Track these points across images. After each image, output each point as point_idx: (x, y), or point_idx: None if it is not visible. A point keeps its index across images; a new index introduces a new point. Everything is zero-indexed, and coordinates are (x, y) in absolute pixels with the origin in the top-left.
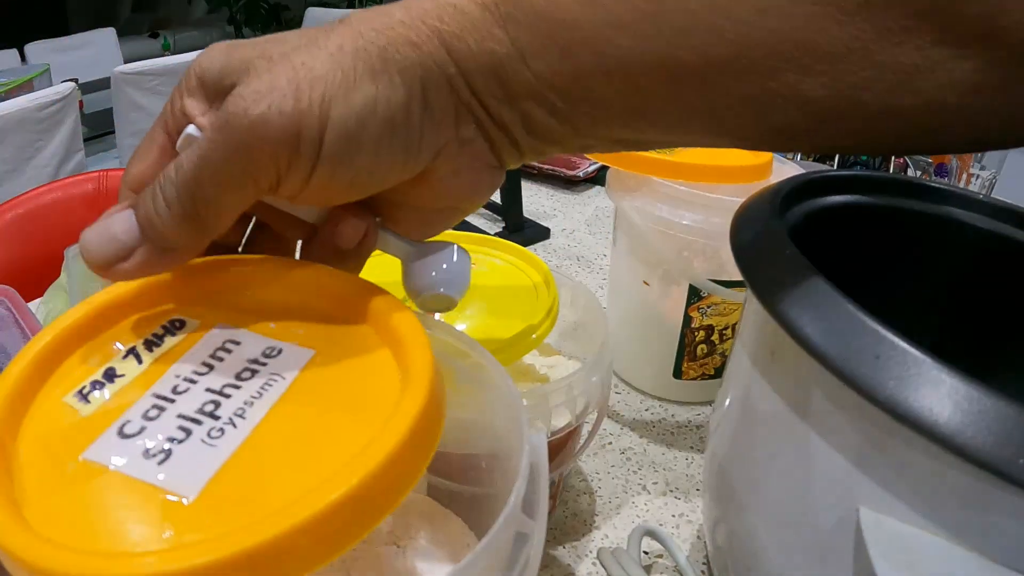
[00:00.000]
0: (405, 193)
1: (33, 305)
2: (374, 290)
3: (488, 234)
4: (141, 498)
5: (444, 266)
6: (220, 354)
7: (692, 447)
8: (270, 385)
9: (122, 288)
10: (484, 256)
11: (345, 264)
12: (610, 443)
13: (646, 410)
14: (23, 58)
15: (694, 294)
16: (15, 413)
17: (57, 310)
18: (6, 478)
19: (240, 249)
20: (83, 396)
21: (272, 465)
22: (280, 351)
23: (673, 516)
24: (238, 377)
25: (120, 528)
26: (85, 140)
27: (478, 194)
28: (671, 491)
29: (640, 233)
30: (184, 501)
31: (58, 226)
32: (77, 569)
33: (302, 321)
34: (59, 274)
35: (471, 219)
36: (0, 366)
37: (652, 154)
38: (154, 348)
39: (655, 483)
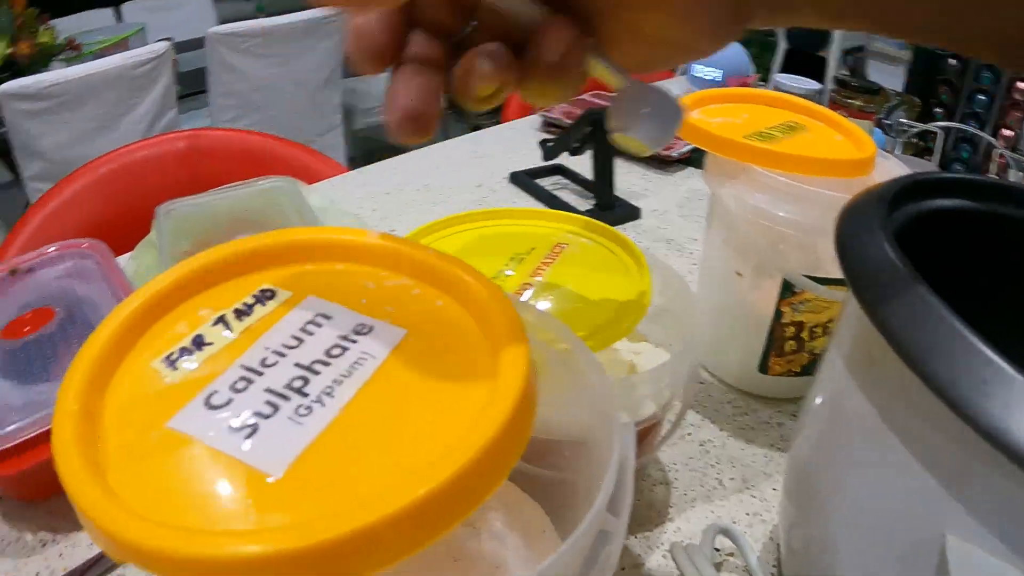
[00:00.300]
0: (632, 9)
1: (122, 260)
2: (470, 272)
3: (578, 211)
4: (226, 472)
5: (648, 111)
6: (310, 328)
7: (772, 444)
8: (360, 364)
9: (213, 255)
10: (575, 236)
11: (551, 85)
12: (689, 434)
13: (728, 402)
14: (119, 17)
15: (787, 289)
16: (103, 375)
17: (145, 266)
18: (91, 442)
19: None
20: (171, 362)
21: (359, 448)
22: (371, 328)
23: (747, 514)
24: (328, 353)
25: (204, 502)
26: (178, 98)
27: (706, 36)
28: (747, 488)
29: (735, 222)
30: (269, 479)
31: (149, 183)
32: (159, 542)
33: (395, 299)
34: (149, 230)
35: (561, 195)
36: (87, 319)
37: (753, 142)
38: (244, 317)
39: (732, 479)
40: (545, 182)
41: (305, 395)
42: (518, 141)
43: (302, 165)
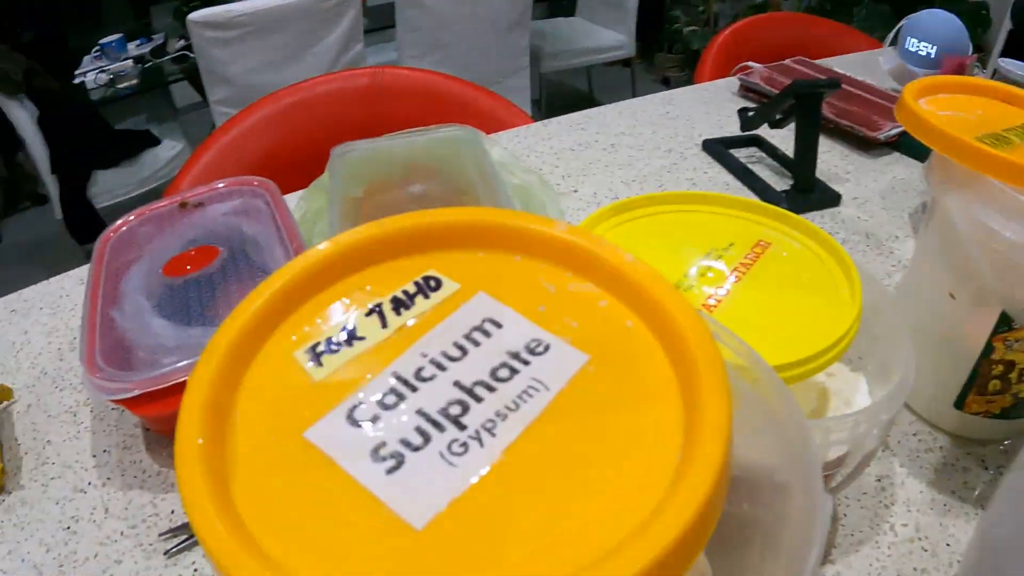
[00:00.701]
0: None
1: (291, 198)
2: (668, 291)
3: (774, 191)
4: (362, 511)
5: None
6: (477, 336)
7: (953, 492)
8: (530, 396)
9: (375, 229)
10: (780, 235)
11: None
12: (868, 465)
13: (913, 434)
14: None
15: (1004, 322)
16: (241, 360)
17: (314, 210)
18: (218, 440)
19: None
20: (316, 356)
21: (518, 510)
22: (547, 347)
23: (914, 569)
24: (494, 375)
25: (330, 539)
26: (365, 32)
27: None
28: (919, 538)
29: (958, 237)
30: (410, 529)
31: (328, 119)
32: None
33: (579, 310)
34: (322, 171)
35: (756, 170)
36: (251, 261)
37: (989, 146)
38: (402, 310)
39: (904, 525)
40: (740, 153)
41: (462, 427)
42: (713, 105)
43: (485, 110)
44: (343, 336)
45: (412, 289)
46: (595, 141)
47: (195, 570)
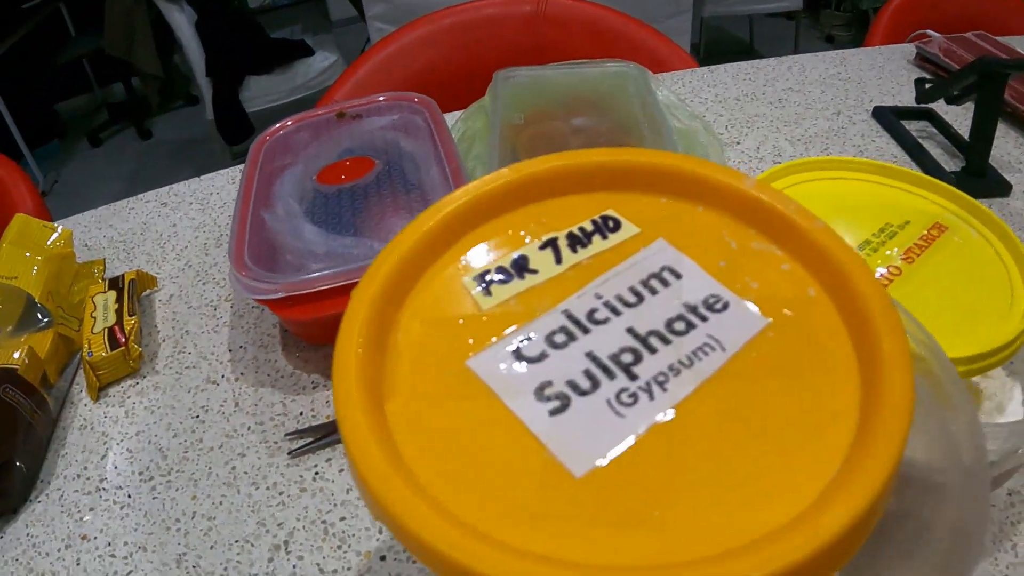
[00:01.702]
0: None
1: (448, 118)
2: (858, 264)
3: (943, 170)
4: (522, 450)
5: None
6: (654, 284)
7: None
8: (705, 353)
9: (557, 161)
10: (958, 220)
11: None
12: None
13: None
14: None
15: None
16: (408, 277)
17: (474, 131)
18: (378, 352)
19: None
20: (486, 284)
21: (682, 473)
22: (726, 305)
23: None
24: (669, 327)
25: (482, 472)
26: None
27: None
28: None
29: None
30: (570, 477)
31: (491, 42)
32: (431, 535)
33: (760, 271)
34: (477, 94)
35: (927, 146)
36: (406, 176)
37: None
38: (578, 247)
39: None
40: (911, 126)
41: (633, 377)
42: (886, 71)
43: (649, 49)
44: (515, 267)
45: (589, 227)
46: (761, 94)
47: (316, 473)
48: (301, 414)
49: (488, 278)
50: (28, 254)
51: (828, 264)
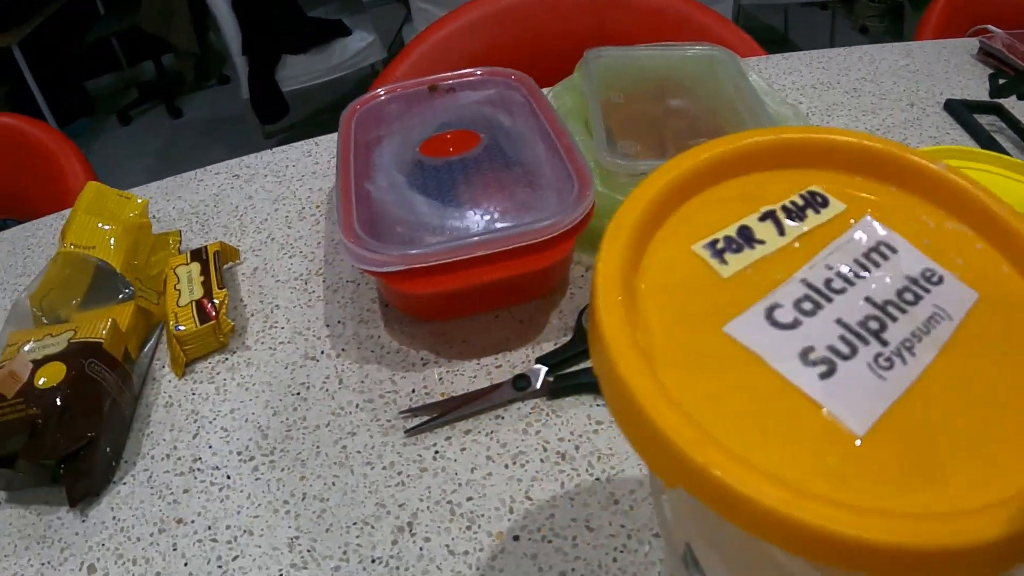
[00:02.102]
0: None
1: None
2: None
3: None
4: (801, 413)
5: None
6: (875, 257)
7: None
8: (936, 323)
9: (762, 136)
10: None
11: None
12: None
13: None
14: None
15: None
16: (637, 247)
17: (566, 107)
18: (629, 321)
19: None
20: (718, 252)
21: (947, 430)
22: (941, 279)
23: None
24: (900, 297)
25: (778, 442)
26: None
27: None
28: None
29: None
30: (853, 436)
31: (543, 28)
32: (743, 485)
33: (959, 249)
34: (545, 76)
35: (999, 139)
36: (510, 150)
37: None
38: (795, 220)
39: None
40: (981, 119)
41: (885, 343)
42: (952, 65)
43: (715, 35)
44: (741, 236)
45: (800, 202)
46: (837, 83)
47: (436, 452)
48: (413, 391)
49: (719, 247)
50: (102, 224)
51: (1018, 244)
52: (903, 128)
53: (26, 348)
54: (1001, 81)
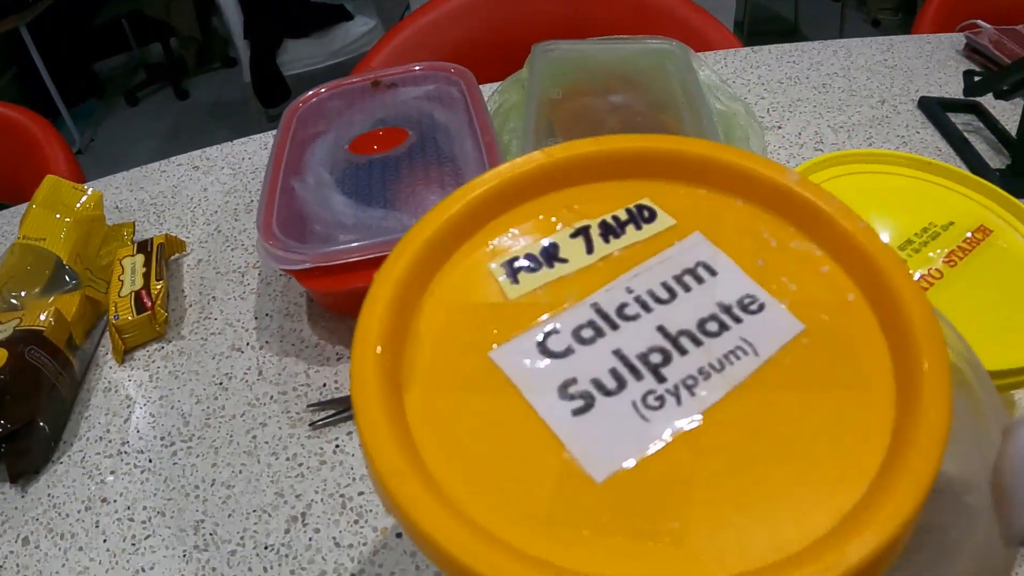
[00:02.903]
0: None
1: (485, 89)
2: (900, 270)
3: (988, 167)
4: (540, 446)
5: None
6: (688, 280)
7: None
8: (736, 358)
9: (591, 146)
10: (1004, 224)
11: None
12: None
13: None
14: None
15: None
16: (433, 260)
17: (510, 103)
18: (399, 341)
19: None
20: (513, 271)
21: (707, 483)
22: (762, 307)
23: None
24: (701, 327)
25: (501, 472)
26: None
27: None
28: None
29: None
30: (589, 482)
31: (531, 14)
32: (448, 539)
33: (797, 271)
34: (516, 66)
35: (972, 140)
36: (439, 148)
37: None
38: (610, 237)
39: None
40: (957, 119)
41: (661, 379)
42: (934, 61)
43: (693, 27)
44: (544, 255)
45: (624, 216)
46: (805, 78)
47: (336, 446)
48: (324, 385)
49: (516, 265)
50: (58, 216)
51: (869, 268)
52: (868, 127)
53: None
54: (976, 78)
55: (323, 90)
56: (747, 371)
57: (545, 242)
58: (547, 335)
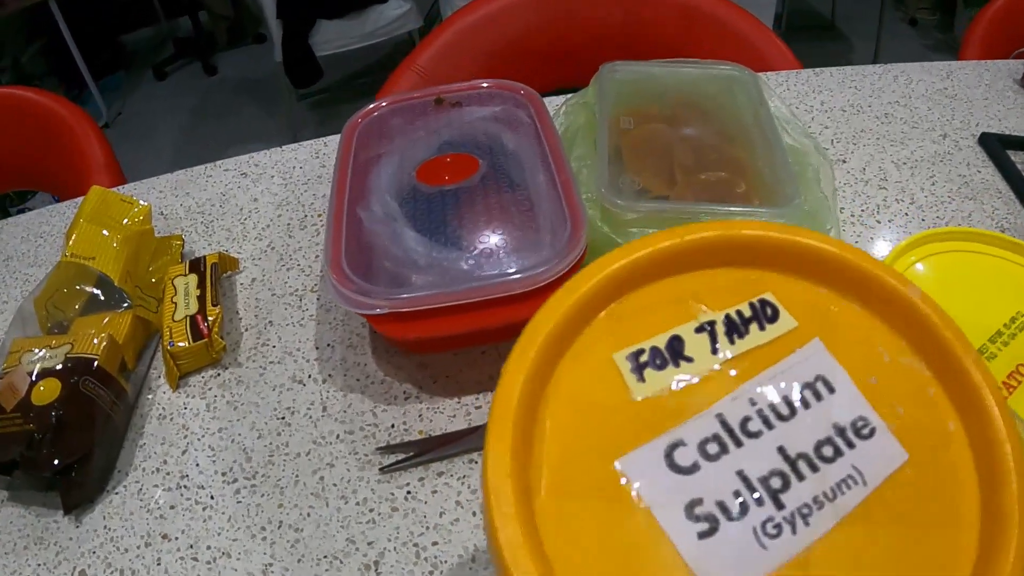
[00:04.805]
0: None
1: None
2: (1002, 407)
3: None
4: (665, 567)
5: None
6: (807, 396)
7: None
8: (848, 487)
9: (716, 229)
10: None
11: None
12: None
13: None
14: None
15: None
16: (556, 348)
17: (576, 125)
18: (526, 442)
19: None
20: (639, 365)
21: None
22: (872, 432)
23: None
24: (818, 451)
25: None
26: None
27: None
28: None
29: None
30: None
31: (579, 17)
32: None
33: (906, 393)
34: (569, 70)
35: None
36: (510, 179)
37: None
38: (735, 337)
39: None
40: (1017, 157)
41: (780, 506)
42: (992, 90)
43: (746, 40)
44: (669, 350)
45: (747, 312)
46: (868, 106)
47: (408, 492)
48: (392, 426)
49: (642, 360)
50: (106, 232)
51: (972, 401)
52: (931, 163)
53: (26, 359)
54: None
55: (384, 104)
56: (854, 501)
57: (670, 335)
58: (673, 446)
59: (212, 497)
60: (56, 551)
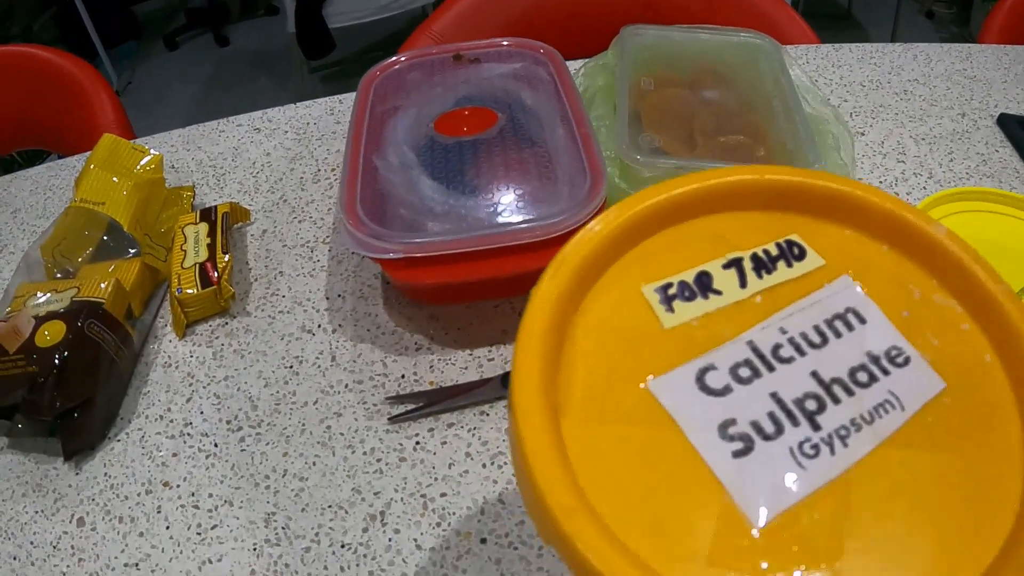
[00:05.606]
0: None
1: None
2: None
3: None
4: (701, 488)
5: None
6: (838, 325)
7: None
8: (885, 411)
9: (742, 173)
10: None
11: None
12: None
13: None
14: None
15: None
16: (585, 280)
17: (596, 87)
18: (553, 365)
19: None
20: (667, 297)
21: (855, 533)
22: (907, 360)
23: None
24: (852, 377)
25: (665, 513)
26: None
27: None
28: None
29: None
30: (749, 526)
31: (611, 2)
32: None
33: (940, 327)
34: (589, 38)
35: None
36: (528, 134)
37: None
38: (763, 273)
39: None
40: None
41: (816, 427)
42: (1012, 74)
43: (767, 16)
44: (698, 284)
45: (774, 251)
46: (887, 82)
47: (417, 443)
48: (403, 376)
49: (670, 292)
50: (116, 179)
51: (1009, 334)
52: (950, 140)
53: (31, 302)
54: None
55: (402, 59)
56: (894, 426)
57: (698, 270)
58: (704, 370)
59: (216, 445)
60: (55, 498)
